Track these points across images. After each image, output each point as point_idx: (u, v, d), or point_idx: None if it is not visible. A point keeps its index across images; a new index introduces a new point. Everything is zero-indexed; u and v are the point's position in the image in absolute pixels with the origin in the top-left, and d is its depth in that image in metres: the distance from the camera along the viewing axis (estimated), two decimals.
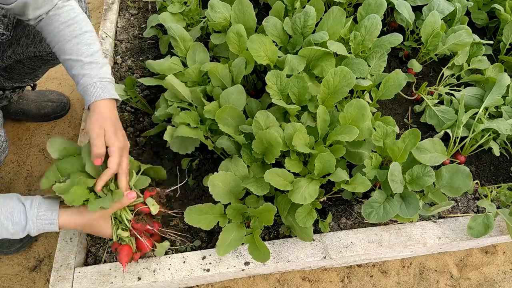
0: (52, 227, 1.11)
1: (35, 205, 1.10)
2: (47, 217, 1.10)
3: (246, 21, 1.60)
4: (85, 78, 1.16)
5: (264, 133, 1.26)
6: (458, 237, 1.44)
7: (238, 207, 1.30)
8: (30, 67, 1.44)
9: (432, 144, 1.42)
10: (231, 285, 1.45)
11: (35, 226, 1.09)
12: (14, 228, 1.06)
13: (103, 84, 1.17)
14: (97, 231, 1.19)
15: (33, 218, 1.09)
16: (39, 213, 1.09)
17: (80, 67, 1.16)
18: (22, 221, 1.07)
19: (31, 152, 1.78)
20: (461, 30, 1.71)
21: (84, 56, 1.16)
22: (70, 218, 1.14)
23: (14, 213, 1.06)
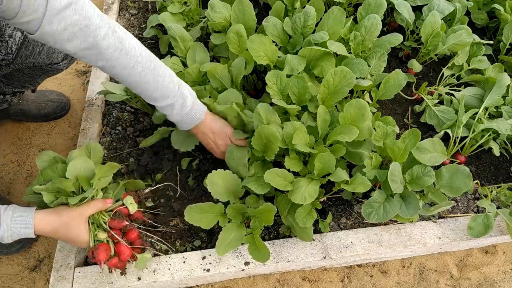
0: (27, 230, 1.07)
1: (10, 209, 1.06)
2: (22, 219, 1.06)
3: (246, 21, 1.60)
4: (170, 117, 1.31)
5: (263, 128, 1.27)
6: (458, 237, 1.44)
7: (238, 206, 1.30)
8: (30, 76, 1.44)
9: (432, 144, 1.42)
10: (231, 285, 1.45)
11: (9, 229, 1.04)
12: None
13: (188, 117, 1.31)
14: (73, 235, 1.13)
15: (8, 221, 1.04)
16: (14, 215, 1.06)
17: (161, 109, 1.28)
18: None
19: (31, 152, 1.77)
20: (461, 30, 1.71)
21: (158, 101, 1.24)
22: (45, 217, 1.10)
23: None
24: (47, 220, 1.10)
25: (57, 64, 1.36)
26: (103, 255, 1.14)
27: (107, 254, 1.15)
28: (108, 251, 1.16)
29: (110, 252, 1.17)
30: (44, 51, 1.28)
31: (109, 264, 1.17)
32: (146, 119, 1.70)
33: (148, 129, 1.68)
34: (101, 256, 1.13)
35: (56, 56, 1.33)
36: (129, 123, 1.70)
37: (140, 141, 1.63)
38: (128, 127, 1.68)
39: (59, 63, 1.36)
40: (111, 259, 1.17)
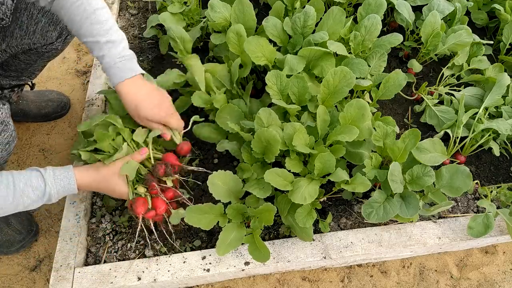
0: (70, 185, 1.13)
1: (49, 169, 1.13)
2: (64, 176, 1.13)
3: (246, 21, 1.60)
4: (105, 59, 1.19)
5: (263, 132, 1.27)
6: (458, 237, 1.44)
7: (238, 207, 1.30)
8: (26, 62, 1.44)
9: (432, 144, 1.42)
10: (231, 285, 1.45)
11: (54, 186, 1.10)
12: (34, 193, 1.07)
13: (123, 64, 1.20)
14: (113, 188, 1.21)
15: (51, 179, 1.10)
16: (55, 173, 1.12)
17: (99, 49, 1.18)
18: (41, 184, 1.08)
19: (31, 152, 1.78)
20: (461, 30, 1.71)
21: (100, 35, 1.17)
22: (86, 173, 1.18)
23: (32, 179, 1.08)
24: (88, 175, 1.18)
25: (52, 44, 1.37)
26: (141, 208, 1.20)
27: (145, 208, 1.22)
28: (145, 205, 1.22)
29: (147, 205, 1.22)
30: (38, 29, 1.29)
31: (147, 216, 1.23)
32: None
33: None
34: (139, 209, 1.20)
35: (51, 34, 1.33)
36: None
37: None
38: None
39: (54, 43, 1.37)
40: (149, 212, 1.23)
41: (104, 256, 1.36)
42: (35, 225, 1.55)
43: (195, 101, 1.43)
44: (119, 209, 1.46)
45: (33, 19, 1.28)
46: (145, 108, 1.22)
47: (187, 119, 1.38)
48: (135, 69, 1.22)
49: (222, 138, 1.50)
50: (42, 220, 1.60)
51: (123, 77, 1.20)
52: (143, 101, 1.22)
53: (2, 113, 1.09)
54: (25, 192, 1.05)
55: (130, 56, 1.23)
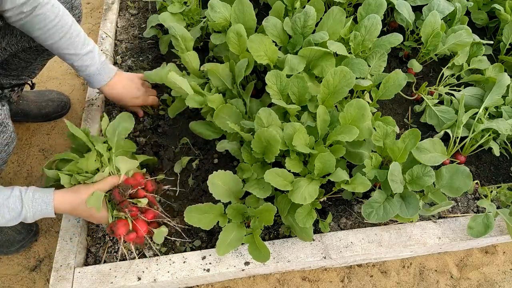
0: (48, 209, 1.15)
1: (30, 190, 1.14)
2: (42, 200, 1.14)
3: (246, 21, 1.60)
4: (90, 68, 1.36)
5: (263, 132, 1.27)
6: (458, 237, 1.44)
7: (238, 207, 1.30)
8: (26, 60, 1.44)
9: (432, 144, 1.42)
10: (231, 285, 1.45)
11: (31, 210, 1.12)
12: (10, 214, 1.09)
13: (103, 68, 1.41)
14: (90, 213, 1.21)
15: (29, 202, 1.12)
16: (34, 196, 1.14)
17: (80, 60, 1.33)
18: (18, 206, 1.10)
19: (31, 152, 1.78)
20: (461, 30, 1.71)
21: (79, 48, 1.31)
22: (64, 196, 1.18)
23: (10, 199, 1.09)
24: (66, 199, 1.18)
25: None
26: (122, 230, 1.21)
27: (126, 229, 1.22)
28: (126, 226, 1.22)
29: (128, 227, 1.23)
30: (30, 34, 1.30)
31: (127, 239, 1.23)
32: (147, 119, 1.70)
33: (148, 129, 1.68)
34: (120, 231, 1.20)
35: None
36: None
37: (140, 141, 1.63)
38: None
39: None
40: (130, 234, 1.23)
41: (104, 256, 1.36)
42: (35, 225, 1.55)
43: (189, 104, 1.43)
44: None
45: None
46: (128, 100, 1.54)
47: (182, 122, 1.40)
48: (112, 69, 1.45)
49: (218, 135, 1.50)
50: (42, 220, 1.60)
51: (105, 80, 1.43)
52: (124, 95, 1.52)
53: (1, 115, 1.09)
54: (0, 212, 1.08)
55: (105, 58, 1.42)
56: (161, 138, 1.66)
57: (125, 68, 1.89)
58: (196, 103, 1.44)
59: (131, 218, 1.24)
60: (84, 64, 1.34)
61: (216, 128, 1.48)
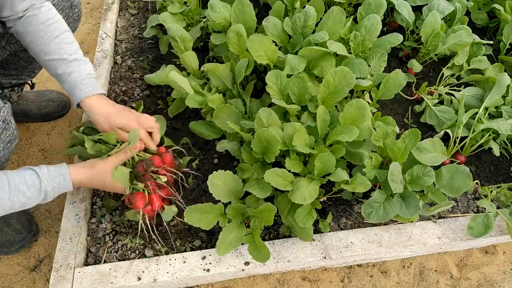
0: (66, 182, 1.14)
1: (44, 167, 1.12)
2: (58, 173, 1.13)
3: (246, 21, 1.60)
4: (72, 75, 1.22)
5: (263, 132, 1.27)
6: (458, 237, 1.44)
7: (238, 207, 1.30)
8: (25, 60, 1.44)
9: (432, 144, 1.42)
10: (231, 285, 1.45)
11: (50, 183, 1.10)
12: (30, 191, 1.07)
13: (91, 81, 1.25)
14: (108, 184, 1.21)
15: (46, 176, 1.10)
16: (49, 170, 1.12)
17: (66, 66, 1.21)
18: (36, 181, 1.08)
19: (31, 152, 1.78)
20: (461, 30, 1.71)
21: (68, 54, 1.21)
22: (81, 170, 1.18)
23: (26, 177, 1.07)
24: (83, 171, 1.19)
25: None
26: (141, 202, 1.23)
27: (144, 202, 1.24)
28: (144, 199, 1.24)
29: (145, 200, 1.25)
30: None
31: (145, 211, 1.25)
32: None
33: None
34: (139, 203, 1.23)
35: None
36: None
37: None
38: None
39: None
40: (146, 207, 1.25)
41: (104, 256, 1.36)
42: (35, 225, 1.55)
43: (189, 104, 1.44)
44: (119, 209, 1.46)
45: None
46: (117, 118, 1.25)
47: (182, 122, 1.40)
48: (100, 90, 1.28)
49: (218, 135, 1.51)
50: (42, 220, 1.60)
51: (91, 91, 1.23)
52: (113, 112, 1.26)
53: (4, 112, 1.09)
54: (20, 190, 1.05)
55: (95, 76, 1.28)
56: (161, 138, 1.66)
57: (125, 68, 1.89)
58: (196, 103, 1.44)
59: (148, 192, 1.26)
60: (68, 71, 1.21)
61: (216, 128, 1.48)
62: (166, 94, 1.80)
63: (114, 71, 1.88)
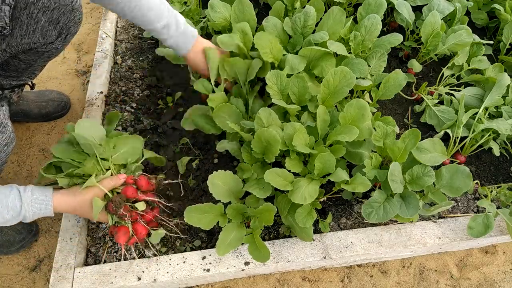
0: (47, 209, 1.15)
1: (29, 189, 1.14)
2: (41, 199, 1.14)
3: (246, 21, 1.59)
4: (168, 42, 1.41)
5: (263, 132, 1.26)
6: (458, 237, 1.44)
7: (238, 207, 1.30)
8: (26, 62, 1.44)
9: (432, 144, 1.42)
10: (231, 285, 1.45)
11: (30, 209, 1.12)
12: (9, 213, 1.09)
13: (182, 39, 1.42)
14: (89, 213, 1.21)
15: (28, 200, 1.12)
16: (33, 195, 1.13)
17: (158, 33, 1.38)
18: (17, 205, 1.10)
19: (31, 152, 1.78)
20: (461, 30, 1.71)
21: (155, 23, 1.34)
22: (63, 198, 1.18)
23: (9, 199, 1.09)
24: (65, 200, 1.19)
25: (52, 43, 1.37)
26: (123, 239, 1.21)
27: (127, 237, 1.22)
28: (127, 234, 1.23)
29: (128, 235, 1.23)
30: (38, 29, 1.29)
31: (129, 244, 1.25)
32: (146, 119, 1.70)
33: (148, 129, 1.68)
34: (121, 240, 1.21)
35: (51, 33, 1.33)
36: (129, 123, 1.70)
37: None
38: (128, 127, 1.68)
39: (54, 42, 1.36)
40: (130, 239, 1.24)
41: (104, 256, 1.36)
42: (35, 225, 1.55)
43: (198, 88, 1.47)
44: None
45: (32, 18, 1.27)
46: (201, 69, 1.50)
47: None
48: (191, 35, 1.44)
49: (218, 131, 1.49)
50: (42, 220, 1.60)
51: (185, 49, 1.45)
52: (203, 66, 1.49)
53: (0, 115, 1.09)
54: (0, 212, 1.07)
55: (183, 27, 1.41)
56: (161, 138, 1.66)
57: (125, 68, 1.89)
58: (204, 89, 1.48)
59: (130, 223, 1.24)
60: (162, 38, 1.39)
61: (216, 124, 1.47)
62: (166, 94, 1.80)
63: (114, 71, 1.88)
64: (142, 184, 1.28)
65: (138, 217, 1.25)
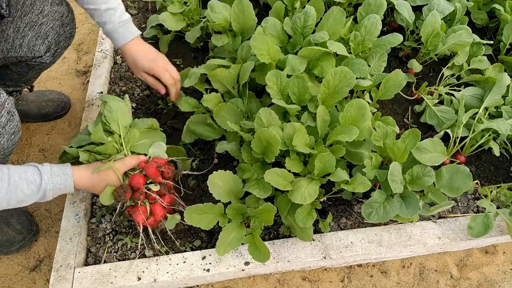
0: (67, 182, 1.11)
1: (47, 165, 1.11)
2: (61, 172, 1.11)
3: (246, 21, 1.60)
4: (107, 25, 1.35)
5: (263, 132, 1.27)
6: (458, 237, 1.44)
7: (238, 207, 1.30)
8: (18, 73, 1.43)
9: (432, 144, 1.42)
10: (231, 285, 1.45)
11: (50, 182, 1.08)
12: (29, 187, 1.04)
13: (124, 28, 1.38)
14: None
15: (48, 174, 1.08)
16: (52, 169, 1.10)
17: (99, 15, 1.34)
18: (37, 178, 1.06)
19: (31, 152, 1.78)
20: (461, 30, 1.71)
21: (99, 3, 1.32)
22: (83, 172, 1.16)
23: (28, 173, 1.05)
24: (84, 176, 1.17)
25: (41, 58, 1.36)
26: (141, 217, 1.22)
27: (145, 216, 1.23)
28: (145, 213, 1.24)
29: (147, 213, 1.24)
30: (24, 43, 1.28)
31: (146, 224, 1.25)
32: None
33: None
34: (139, 218, 1.22)
35: (38, 48, 1.32)
36: None
37: None
38: None
39: (42, 56, 1.36)
40: (148, 219, 1.24)
41: (104, 256, 1.36)
42: (35, 225, 1.55)
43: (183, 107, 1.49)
44: None
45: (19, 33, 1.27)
46: (142, 61, 1.41)
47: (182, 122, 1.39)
48: (134, 32, 1.41)
49: (218, 135, 1.51)
50: (42, 220, 1.60)
51: (125, 39, 1.39)
52: (141, 56, 1.41)
53: (8, 104, 1.08)
54: (19, 186, 1.02)
55: (128, 20, 1.39)
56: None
57: (125, 67, 1.89)
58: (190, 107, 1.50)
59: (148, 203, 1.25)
60: (102, 20, 1.35)
61: (216, 129, 1.48)
62: (166, 94, 1.80)
63: (114, 71, 1.88)
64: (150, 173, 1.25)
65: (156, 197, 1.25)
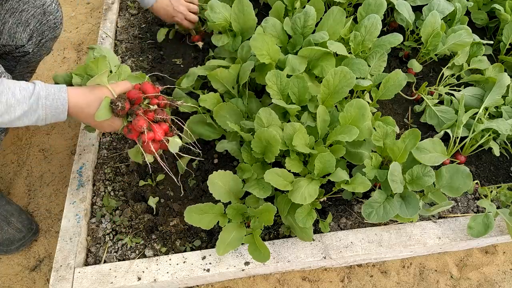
0: (61, 93, 1.06)
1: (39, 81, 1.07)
2: (55, 86, 1.07)
3: (246, 21, 1.59)
4: None
5: (263, 132, 1.27)
6: (458, 237, 1.44)
7: (238, 207, 1.30)
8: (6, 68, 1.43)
9: (432, 144, 1.42)
10: (231, 285, 1.45)
11: (44, 89, 1.03)
12: (21, 92, 1.00)
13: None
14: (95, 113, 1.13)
15: (41, 83, 1.05)
16: (45, 84, 1.06)
17: None
18: (30, 86, 1.02)
19: (31, 152, 1.78)
20: (461, 30, 1.71)
21: None
22: (78, 90, 1.11)
23: (22, 82, 1.02)
24: (80, 92, 1.11)
25: (23, 47, 1.35)
26: (142, 122, 1.13)
27: (146, 124, 1.14)
28: (146, 122, 1.14)
29: (147, 122, 1.15)
30: (5, 30, 1.28)
31: (147, 138, 1.15)
32: None
33: None
34: (140, 123, 1.12)
35: (20, 36, 1.31)
36: None
37: None
38: None
39: (25, 45, 1.35)
40: (148, 133, 1.15)
41: (104, 256, 1.36)
42: (35, 224, 1.55)
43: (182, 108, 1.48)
44: (119, 209, 1.46)
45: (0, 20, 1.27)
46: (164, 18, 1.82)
47: None
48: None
49: (218, 135, 1.50)
50: (42, 220, 1.60)
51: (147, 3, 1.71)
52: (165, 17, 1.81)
53: None
54: (11, 88, 0.98)
55: None
56: None
57: None
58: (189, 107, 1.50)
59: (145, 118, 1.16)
60: None
61: (216, 129, 1.48)
62: (166, 93, 1.80)
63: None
64: (147, 89, 1.21)
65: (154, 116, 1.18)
